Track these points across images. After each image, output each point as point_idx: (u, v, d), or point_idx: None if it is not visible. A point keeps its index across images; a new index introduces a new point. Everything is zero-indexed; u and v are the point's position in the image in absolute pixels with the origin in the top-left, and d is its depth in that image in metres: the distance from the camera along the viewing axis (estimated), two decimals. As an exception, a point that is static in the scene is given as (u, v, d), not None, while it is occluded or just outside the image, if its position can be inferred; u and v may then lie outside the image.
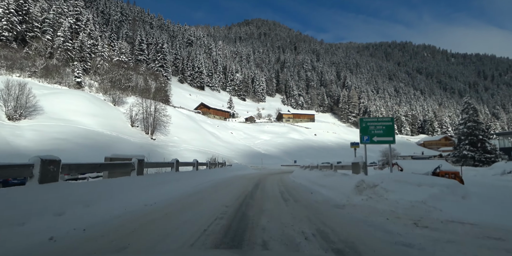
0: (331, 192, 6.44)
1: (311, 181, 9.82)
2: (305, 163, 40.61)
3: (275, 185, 10.25)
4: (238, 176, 15.37)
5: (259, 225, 3.18)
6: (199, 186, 8.14)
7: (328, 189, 7.09)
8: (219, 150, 37.46)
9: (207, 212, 3.96)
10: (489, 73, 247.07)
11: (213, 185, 9.43)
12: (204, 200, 5.45)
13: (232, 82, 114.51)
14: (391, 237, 2.72)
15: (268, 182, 11.45)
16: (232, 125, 60.71)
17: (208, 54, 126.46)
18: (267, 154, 42.46)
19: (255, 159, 37.11)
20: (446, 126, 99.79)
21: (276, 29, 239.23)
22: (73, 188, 3.75)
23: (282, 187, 9.26)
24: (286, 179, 14.27)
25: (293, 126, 70.49)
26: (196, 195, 6.38)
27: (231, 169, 17.79)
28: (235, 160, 33.54)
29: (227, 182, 10.96)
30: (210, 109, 66.63)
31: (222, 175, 13.99)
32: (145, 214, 3.72)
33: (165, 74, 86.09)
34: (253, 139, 52.08)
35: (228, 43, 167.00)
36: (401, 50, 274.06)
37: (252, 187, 8.95)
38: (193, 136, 37.33)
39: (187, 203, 4.96)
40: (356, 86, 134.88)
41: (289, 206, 4.74)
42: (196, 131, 40.11)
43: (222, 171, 15.07)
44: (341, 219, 3.64)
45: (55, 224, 2.82)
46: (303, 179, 11.61)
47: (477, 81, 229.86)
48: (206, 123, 51.50)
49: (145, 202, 4.40)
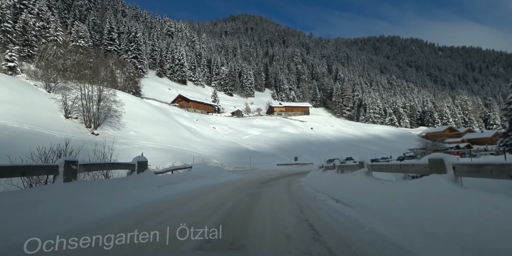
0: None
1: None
2: (305, 160, 32.66)
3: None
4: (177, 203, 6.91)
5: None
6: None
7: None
8: (195, 147, 28.85)
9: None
10: (476, 65, 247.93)
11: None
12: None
13: (217, 76, 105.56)
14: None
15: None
16: (215, 119, 52.03)
17: (191, 47, 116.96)
18: (257, 151, 34.10)
19: (242, 158, 28.67)
20: (446, 117, 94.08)
21: (263, 24, 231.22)
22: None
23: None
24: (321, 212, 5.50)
25: (286, 119, 62.51)
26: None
27: (181, 178, 9.22)
28: (215, 160, 25.06)
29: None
30: (189, 102, 57.62)
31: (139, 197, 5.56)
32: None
33: (139, 66, 76.47)
34: (240, 135, 43.66)
35: (213, 37, 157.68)
36: (389, 44, 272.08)
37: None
38: (160, 131, 28.56)
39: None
40: (349, 79, 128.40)
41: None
42: (165, 125, 31.33)
43: (151, 183, 6.60)
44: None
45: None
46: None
47: (466, 73, 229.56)
48: (182, 116, 42.69)
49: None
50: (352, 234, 2.71)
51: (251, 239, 2.60)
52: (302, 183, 9.90)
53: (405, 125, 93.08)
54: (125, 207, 4.31)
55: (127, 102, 30.94)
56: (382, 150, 50.18)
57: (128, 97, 32.53)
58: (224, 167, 23.03)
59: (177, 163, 19.93)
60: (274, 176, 14.32)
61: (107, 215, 3.70)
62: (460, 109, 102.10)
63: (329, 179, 8.80)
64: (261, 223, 3.33)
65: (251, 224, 3.28)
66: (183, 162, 20.42)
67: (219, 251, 2.29)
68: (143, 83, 72.12)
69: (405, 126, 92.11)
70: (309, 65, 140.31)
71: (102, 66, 46.26)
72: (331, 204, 4.96)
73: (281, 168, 24.05)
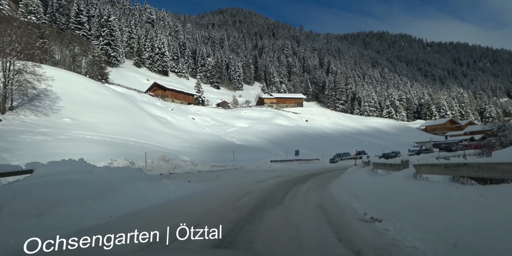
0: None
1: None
2: (304, 155, 26.17)
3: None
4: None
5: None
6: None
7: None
8: (163, 141, 21.90)
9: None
10: (464, 60, 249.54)
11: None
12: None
13: (203, 68, 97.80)
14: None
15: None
16: (196, 109, 44.83)
17: (174, 37, 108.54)
18: (245, 145, 27.43)
19: (225, 154, 21.91)
20: (444, 109, 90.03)
21: (252, 17, 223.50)
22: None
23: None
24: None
25: (278, 111, 55.99)
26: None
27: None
28: (185, 157, 18.28)
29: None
30: (166, 90, 50.00)
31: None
32: None
33: (113, 53, 68.14)
34: (224, 127, 36.88)
35: (200, 29, 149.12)
36: (379, 40, 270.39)
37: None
38: (114, 119, 21.43)
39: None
40: (342, 71, 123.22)
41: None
42: (124, 113, 24.17)
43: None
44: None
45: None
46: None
47: (454, 68, 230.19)
48: (153, 105, 35.46)
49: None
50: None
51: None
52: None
53: (402, 118, 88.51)
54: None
55: (72, 83, 23.54)
56: (386, 143, 44.57)
57: (74, 77, 25.16)
58: (196, 166, 16.25)
59: (118, 161, 13.03)
60: (270, 186, 7.58)
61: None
62: (457, 102, 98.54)
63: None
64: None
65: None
66: (129, 160, 13.52)
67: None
68: (117, 73, 64.03)
69: (401, 119, 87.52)
70: (300, 57, 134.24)
71: (53, 42, 38.41)
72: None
73: (277, 166, 17.42)
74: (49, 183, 4.20)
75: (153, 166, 14.55)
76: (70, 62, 39.25)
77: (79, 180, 4.70)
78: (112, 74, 55.11)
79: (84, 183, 4.65)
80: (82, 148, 13.40)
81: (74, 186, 4.42)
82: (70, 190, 4.25)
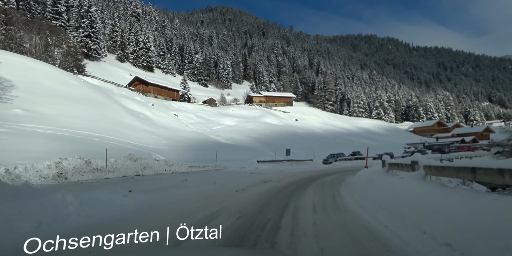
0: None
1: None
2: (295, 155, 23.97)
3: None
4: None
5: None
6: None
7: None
8: (137, 137, 19.38)
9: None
10: (448, 65, 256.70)
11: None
12: None
13: (190, 65, 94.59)
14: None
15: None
16: (180, 106, 42.04)
17: (161, 32, 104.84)
18: (230, 144, 25.19)
19: (209, 153, 19.62)
20: (431, 111, 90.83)
21: (242, 16, 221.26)
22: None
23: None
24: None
25: (267, 109, 53.91)
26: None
27: None
28: (159, 156, 15.94)
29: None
30: (148, 85, 46.86)
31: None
32: None
33: (93, 46, 64.26)
34: (210, 124, 34.46)
35: (188, 26, 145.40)
36: (367, 42, 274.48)
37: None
38: (80, 112, 18.75)
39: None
40: (331, 72, 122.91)
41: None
42: (95, 106, 21.44)
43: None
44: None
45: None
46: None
47: (439, 72, 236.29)
48: (131, 99, 32.61)
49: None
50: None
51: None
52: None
53: (390, 119, 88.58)
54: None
55: (33, 71, 20.62)
56: (377, 145, 43.36)
57: (37, 65, 22.22)
58: (170, 166, 13.91)
59: (70, 159, 10.52)
60: (254, 200, 5.12)
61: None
62: (443, 104, 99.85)
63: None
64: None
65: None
66: (84, 159, 11.03)
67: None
68: (98, 67, 60.33)
69: (390, 121, 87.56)
70: (290, 57, 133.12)
71: (23, 30, 34.98)
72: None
73: (265, 167, 15.23)
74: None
75: (117, 166, 12.10)
76: (41, 51, 35.79)
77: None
78: (91, 67, 51.54)
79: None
80: (25, 143, 10.81)
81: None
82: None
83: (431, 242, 2.42)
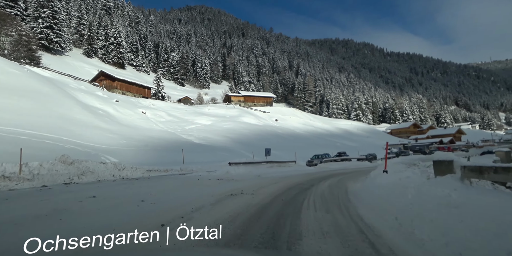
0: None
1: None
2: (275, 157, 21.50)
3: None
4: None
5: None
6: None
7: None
8: (89, 136, 16.14)
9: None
10: (419, 70, 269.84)
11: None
12: None
13: (166, 63, 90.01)
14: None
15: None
16: (150, 103, 38.36)
17: (135, 28, 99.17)
18: (204, 144, 22.40)
19: (176, 154, 16.77)
20: (406, 114, 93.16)
21: (222, 16, 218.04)
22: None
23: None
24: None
25: (246, 109, 51.39)
26: None
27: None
28: (111, 158, 12.83)
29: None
30: (115, 81, 42.58)
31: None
32: None
33: (56, 39, 58.42)
34: (183, 124, 31.32)
35: (165, 23, 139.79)
36: (344, 47, 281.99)
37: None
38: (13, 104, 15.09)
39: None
40: (311, 74, 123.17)
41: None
42: (37, 99, 17.80)
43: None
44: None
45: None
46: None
47: (411, 77, 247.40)
48: (91, 94, 28.73)
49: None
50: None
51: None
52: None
53: (368, 121, 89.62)
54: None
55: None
56: (359, 146, 42.47)
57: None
58: (121, 171, 10.97)
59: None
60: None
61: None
62: (417, 107, 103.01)
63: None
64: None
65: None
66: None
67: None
68: (60, 61, 54.78)
69: (368, 123, 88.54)
70: (270, 58, 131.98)
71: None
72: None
73: (239, 171, 12.48)
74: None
75: (40, 172, 8.99)
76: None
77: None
78: (52, 61, 46.33)
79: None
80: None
81: None
82: None
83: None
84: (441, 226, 2.44)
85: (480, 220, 2.23)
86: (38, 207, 4.12)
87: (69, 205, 4.22)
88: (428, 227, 2.51)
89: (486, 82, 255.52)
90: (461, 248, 2.02)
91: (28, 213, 3.71)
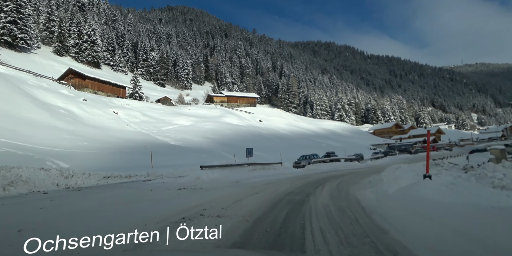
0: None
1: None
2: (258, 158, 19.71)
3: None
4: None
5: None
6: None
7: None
8: (40, 138, 13.75)
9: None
10: (398, 73, 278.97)
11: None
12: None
13: (145, 63, 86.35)
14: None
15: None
16: (124, 103, 35.51)
17: (111, 26, 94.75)
18: (181, 146, 20.33)
19: (145, 157, 14.55)
20: (388, 114, 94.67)
21: (204, 17, 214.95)
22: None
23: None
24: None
25: (229, 109, 49.41)
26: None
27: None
28: (61, 162, 10.46)
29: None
30: (86, 79, 39.35)
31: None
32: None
33: (20, 35, 53.90)
34: (159, 124, 28.96)
35: (144, 23, 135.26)
36: (326, 49, 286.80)
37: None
38: None
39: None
40: (295, 75, 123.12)
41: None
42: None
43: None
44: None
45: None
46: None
47: (391, 79, 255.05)
48: (54, 92, 25.81)
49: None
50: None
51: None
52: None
53: (351, 122, 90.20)
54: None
55: None
56: (344, 146, 41.67)
57: None
58: (68, 178, 8.77)
59: None
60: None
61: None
62: (398, 108, 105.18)
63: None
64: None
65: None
66: None
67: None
68: (26, 59, 50.50)
69: (351, 123, 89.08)
70: (253, 59, 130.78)
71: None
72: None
73: (213, 176, 10.29)
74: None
75: None
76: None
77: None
78: (16, 58, 42.39)
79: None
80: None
81: None
82: None
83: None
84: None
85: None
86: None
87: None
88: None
89: (459, 84, 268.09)
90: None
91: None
